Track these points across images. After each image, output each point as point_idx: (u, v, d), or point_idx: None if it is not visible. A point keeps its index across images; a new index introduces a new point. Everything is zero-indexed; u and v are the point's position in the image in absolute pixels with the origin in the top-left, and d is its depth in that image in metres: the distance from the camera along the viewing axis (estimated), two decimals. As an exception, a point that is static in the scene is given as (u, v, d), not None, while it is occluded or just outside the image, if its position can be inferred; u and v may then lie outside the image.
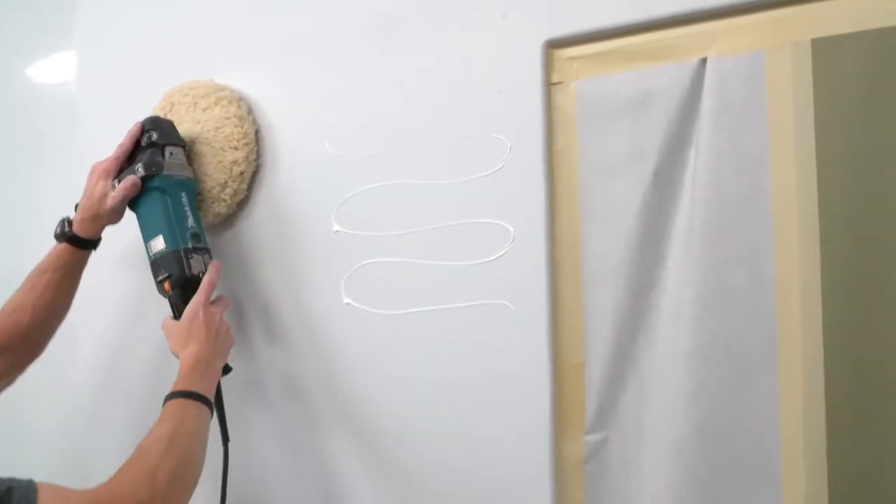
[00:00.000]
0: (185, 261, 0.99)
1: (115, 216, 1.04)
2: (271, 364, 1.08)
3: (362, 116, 1.00)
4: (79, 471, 1.23)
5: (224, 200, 1.07)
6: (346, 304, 1.00)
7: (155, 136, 1.03)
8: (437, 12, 0.95)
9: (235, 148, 1.06)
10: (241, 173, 1.06)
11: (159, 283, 1.01)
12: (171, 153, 1.04)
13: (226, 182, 1.06)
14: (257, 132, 1.08)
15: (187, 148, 1.08)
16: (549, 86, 0.90)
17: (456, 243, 0.93)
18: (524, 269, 0.89)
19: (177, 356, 0.94)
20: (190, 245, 1.00)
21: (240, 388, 1.10)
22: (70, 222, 1.04)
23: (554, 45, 0.89)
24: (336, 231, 1.01)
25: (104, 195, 1.02)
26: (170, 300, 1.01)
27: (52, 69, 1.38)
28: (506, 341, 0.90)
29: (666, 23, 0.84)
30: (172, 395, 0.88)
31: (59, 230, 1.05)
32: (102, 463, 0.80)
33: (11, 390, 1.04)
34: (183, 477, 0.82)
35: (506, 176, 0.90)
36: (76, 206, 1.05)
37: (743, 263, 0.80)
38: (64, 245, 1.04)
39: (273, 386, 1.08)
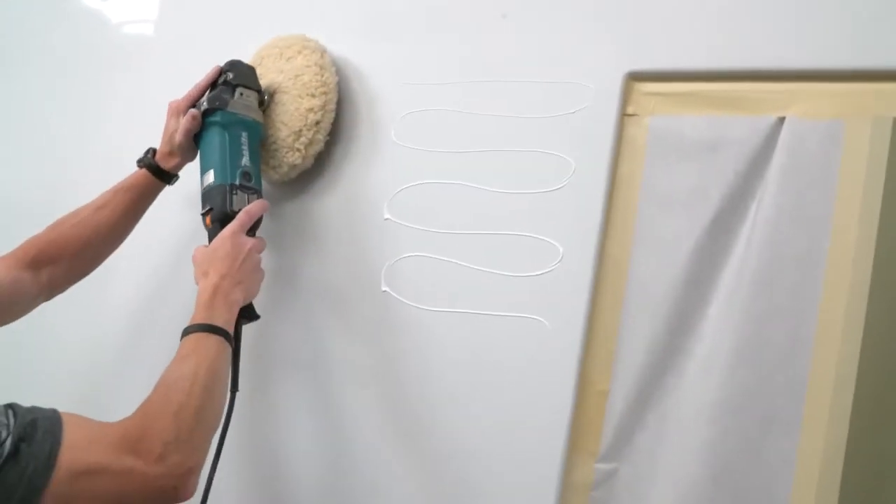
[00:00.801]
0: (228, 196, 1.00)
1: (185, 152, 1.07)
2: (298, 336, 1.09)
3: (430, 111, 1.02)
4: (102, 405, 1.23)
5: (298, 150, 1.05)
6: (384, 291, 1.01)
7: (230, 76, 1.05)
8: (530, 22, 0.97)
9: (312, 95, 1.04)
10: (317, 122, 1.04)
11: (203, 216, 1.02)
12: (241, 94, 1.05)
13: (300, 130, 1.05)
14: (339, 84, 1.07)
15: (266, 96, 1.08)
16: (623, 116, 0.91)
17: (503, 253, 0.94)
18: (566, 289, 0.89)
19: (198, 285, 0.93)
20: (238, 182, 1.01)
21: (262, 359, 1.11)
22: (155, 151, 1.09)
23: (635, 77, 0.90)
24: (386, 219, 1.03)
25: (175, 130, 1.05)
26: (209, 235, 1.01)
27: (135, 4, 1.41)
28: (535, 357, 0.90)
29: (748, 76, 0.86)
30: (192, 329, 0.86)
31: (142, 156, 1.09)
32: (126, 399, 0.80)
33: (42, 317, 1.06)
34: (206, 416, 0.81)
35: (565, 196, 0.91)
36: None
37: (785, 318, 0.80)
38: (143, 171, 1.08)
39: (297, 359, 1.09)
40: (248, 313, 0.98)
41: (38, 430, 0.68)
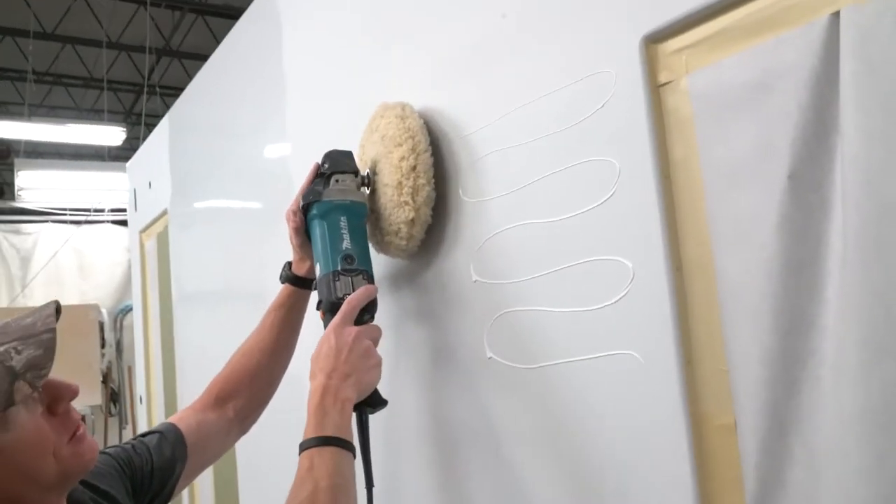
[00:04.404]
0: (332, 283, 0.97)
1: (308, 251, 1.08)
2: (411, 419, 1.04)
3: (484, 156, 0.94)
4: None
5: (406, 203, 0.99)
6: (489, 358, 0.93)
7: (326, 166, 1.05)
8: (531, 26, 0.86)
9: (399, 144, 1.00)
10: (413, 167, 0.98)
11: (317, 310, 1.01)
12: (336, 180, 1.03)
13: (400, 182, 0.99)
14: (424, 125, 1.01)
15: (368, 173, 1.07)
16: (655, 88, 0.74)
17: (577, 286, 0.81)
18: (648, 310, 0.73)
19: None
20: (339, 267, 0.98)
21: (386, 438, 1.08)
22: (291, 264, 1.12)
23: (654, 38, 0.74)
24: (475, 281, 0.95)
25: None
26: (325, 328, 0.98)
27: (275, 150, 1.55)
28: (636, 400, 0.75)
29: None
30: (305, 444, 0.82)
31: (281, 271, 1.13)
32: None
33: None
34: None
35: (618, 203, 0.76)
36: None
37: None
38: (285, 285, 1.11)
39: (409, 445, 1.04)
40: (372, 401, 0.94)
41: None
